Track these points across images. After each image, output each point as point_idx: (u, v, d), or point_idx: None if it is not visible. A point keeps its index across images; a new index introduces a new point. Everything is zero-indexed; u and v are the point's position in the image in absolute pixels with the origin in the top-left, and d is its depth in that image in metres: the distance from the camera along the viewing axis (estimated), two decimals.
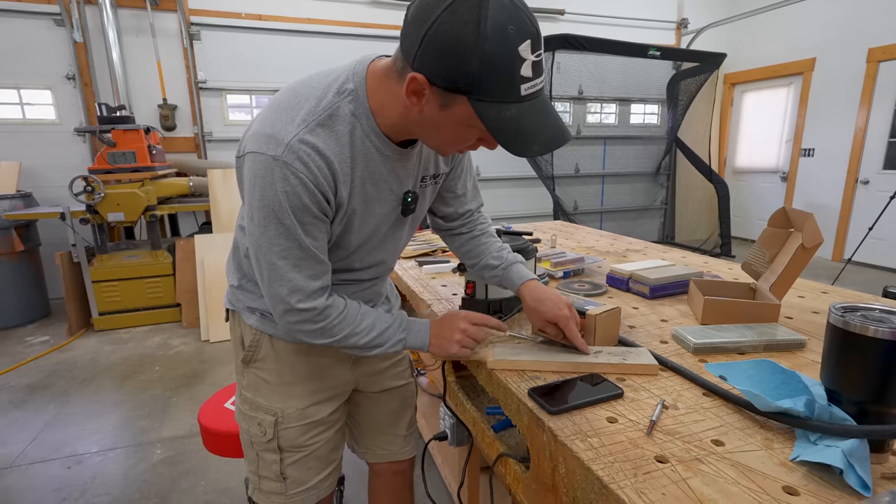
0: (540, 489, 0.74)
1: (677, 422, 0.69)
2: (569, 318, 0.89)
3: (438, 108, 0.68)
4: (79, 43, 3.94)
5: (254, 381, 0.97)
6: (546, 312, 0.91)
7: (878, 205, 4.41)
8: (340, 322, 0.82)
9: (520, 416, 0.78)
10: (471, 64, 0.61)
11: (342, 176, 0.76)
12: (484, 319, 0.92)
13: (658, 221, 6.32)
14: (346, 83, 0.75)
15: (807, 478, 0.56)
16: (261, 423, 0.95)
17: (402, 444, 1.17)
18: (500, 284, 1.05)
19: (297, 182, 0.71)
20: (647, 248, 1.89)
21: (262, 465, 0.98)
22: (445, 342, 0.89)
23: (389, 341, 0.87)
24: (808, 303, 1.20)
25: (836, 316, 0.59)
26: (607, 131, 5.86)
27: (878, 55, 4.64)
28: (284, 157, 0.70)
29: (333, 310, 0.82)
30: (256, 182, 0.72)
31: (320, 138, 0.73)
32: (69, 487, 1.85)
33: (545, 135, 0.69)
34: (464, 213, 1.08)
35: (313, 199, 0.73)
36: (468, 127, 0.70)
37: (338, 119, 0.74)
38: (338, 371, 1.01)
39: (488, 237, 1.08)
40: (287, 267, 0.76)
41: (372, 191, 0.82)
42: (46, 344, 3.27)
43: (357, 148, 0.77)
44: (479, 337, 0.90)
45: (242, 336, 0.97)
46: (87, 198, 3.25)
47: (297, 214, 0.73)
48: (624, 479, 0.57)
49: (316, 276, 0.79)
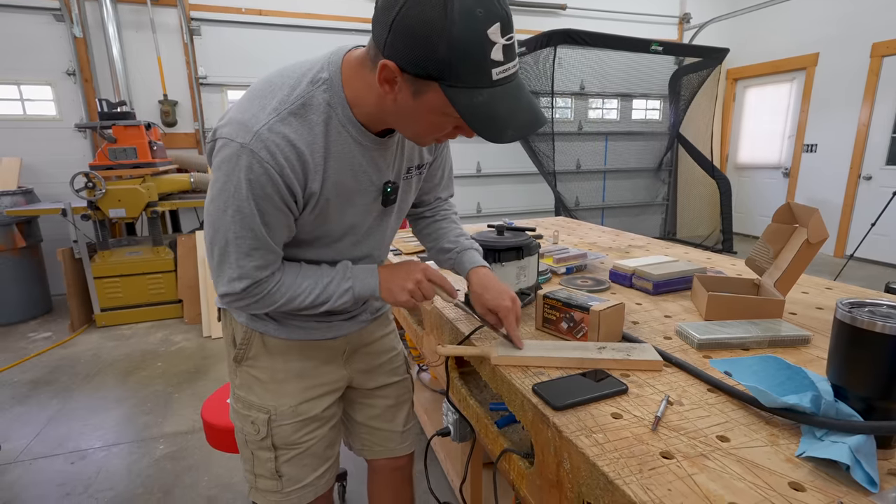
0: (544, 485, 0.74)
1: (682, 418, 0.69)
2: (509, 310, 0.90)
3: (411, 96, 0.68)
4: (78, 38, 3.92)
5: (246, 379, 0.96)
6: (489, 301, 0.92)
7: (881, 200, 4.40)
8: (278, 289, 0.82)
9: (524, 412, 0.78)
10: (439, 49, 0.61)
11: (313, 166, 0.76)
12: (440, 279, 0.91)
13: (660, 217, 6.31)
14: (320, 72, 0.75)
15: (813, 474, 0.56)
16: (254, 421, 0.95)
17: (400, 441, 1.16)
18: (452, 269, 1.05)
19: (262, 171, 0.71)
20: (650, 244, 1.88)
21: (258, 464, 0.97)
22: (397, 289, 0.88)
23: (335, 293, 0.85)
24: (812, 299, 1.20)
25: (843, 312, 0.59)
26: (609, 127, 5.84)
27: (882, 50, 4.61)
28: (252, 144, 0.70)
29: (270, 281, 0.81)
30: (222, 166, 0.72)
31: (291, 127, 0.72)
32: (73, 482, 1.86)
33: (519, 120, 0.67)
34: (433, 200, 1.09)
35: (276, 190, 0.73)
36: (442, 115, 0.69)
37: (311, 108, 0.74)
38: (330, 367, 1.00)
39: (449, 223, 1.09)
40: (238, 254, 0.76)
41: (350, 181, 0.81)
42: (49, 340, 3.28)
43: (332, 138, 0.76)
44: (429, 294, 0.90)
45: (234, 334, 0.96)
46: (88, 194, 3.25)
47: (258, 203, 0.73)
48: (629, 474, 0.57)
49: (265, 266, 0.79)
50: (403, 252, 1.77)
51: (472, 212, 5.44)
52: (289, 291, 0.82)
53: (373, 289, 0.88)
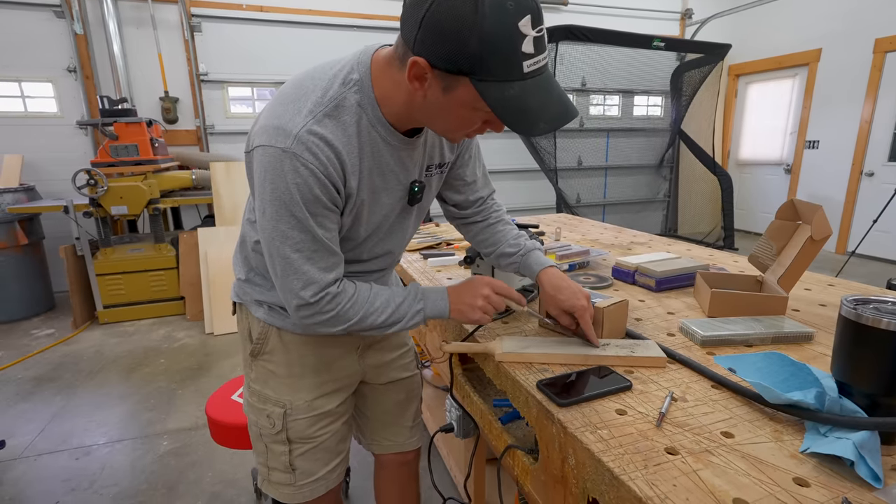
0: (549, 480, 0.74)
1: (686, 414, 0.69)
2: (585, 309, 0.89)
3: (441, 92, 0.68)
4: (79, 35, 3.92)
5: (262, 373, 0.97)
6: (564, 301, 0.91)
7: (883, 197, 4.40)
8: (353, 305, 0.81)
9: (528, 409, 0.78)
10: (470, 43, 0.61)
11: (350, 167, 0.76)
12: (507, 290, 0.91)
13: (661, 214, 6.30)
14: (350, 73, 0.75)
15: (817, 469, 0.57)
16: (269, 415, 0.96)
17: (409, 435, 1.18)
18: (517, 272, 1.05)
19: (308, 173, 0.71)
20: (652, 241, 1.88)
21: (272, 457, 0.99)
22: (467, 308, 0.87)
23: (408, 314, 0.85)
24: (815, 295, 1.20)
25: (847, 308, 0.59)
26: (610, 123, 5.83)
27: (885, 46, 4.59)
28: (293, 148, 0.70)
29: (343, 295, 0.81)
30: (267, 175, 0.72)
31: (328, 129, 0.73)
32: (78, 478, 1.87)
33: (550, 112, 0.67)
34: (475, 200, 1.07)
35: (324, 190, 0.73)
36: (473, 109, 0.69)
37: (344, 110, 0.74)
38: (345, 363, 1.01)
39: (504, 224, 1.08)
40: (301, 260, 0.76)
41: (379, 181, 0.82)
42: (52, 337, 3.29)
43: (364, 138, 0.77)
44: (499, 306, 0.89)
45: (250, 329, 0.97)
46: (90, 191, 3.26)
47: (308, 206, 0.73)
48: (635, 470, 0.57)
49: (329, 268, 0.79)
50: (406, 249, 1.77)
51: None
52: (362, 309, 0.82)
53: (443, 310, 0.88)
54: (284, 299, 0.80)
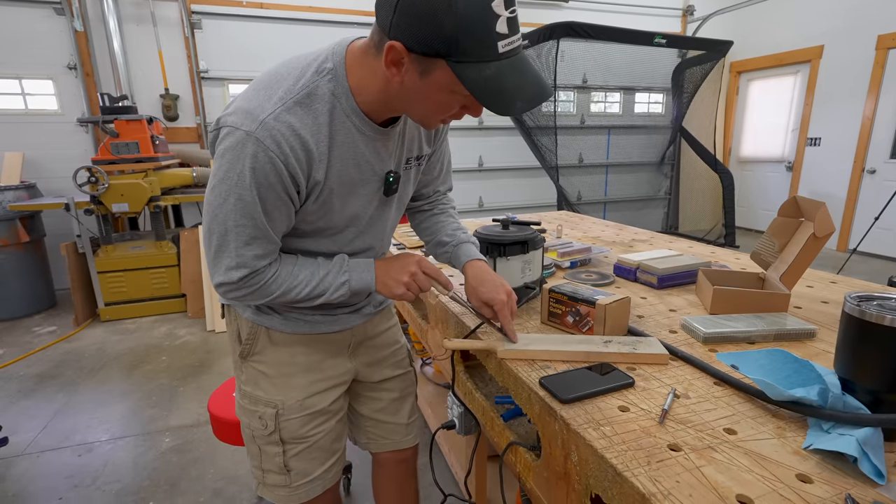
0: (551, 477, 0.74)
1: (689, 411, 0.69)
2: (504, 304, 0.91)
3: (418, 76, 0.68)
4: (79, 32, 3.91)
5: (252, 374, 0.96)
6: (484, 293, 0.92)
7: (885, 194, 4.39)
8: (275, 279, 0.82)
9: (531, 405, 0.78)
10: (446, 25, 0.61)
11: (318, 155, 0.76)
12: (435, 272, 0.91)
13: (662, 211, 6.30)
14: (325, 62, 0.76)
15: (820, 466, 0.57)
16: (261, 416, 0.95)
17: (405, 433, 1.18)
18: (449, 262, 1.06)
19: (266, 160, 0.71)
20: (654, 238, 1.88)
21: (265, 459, 0.98)
22: (392, 282, 0.88)
23: (332, 286, 0.85)
24: (817, 292, 1.20)
25: (851, 305, 0.59)
26: (611, 121, 5.81)
27: (888, 42, 4.57)
28: (257, 133, 0.70)
29: (266, 271, 0.81)
30: (226, 154, 0.72)
31: (297, 116, 0.73)
32: (81, 475, 1.88)
33: (527, 92, 0.68)
34: (432, 193, 1.10)
35: (279, 179, 0.73)
36: (450, 92, 0.69)
37: (316, 98, 0.74)
38: (336, 361, 1.01)
39: (447, 216, 1.10)
40: (237, 242, 0.76)
41: (354, 172, 0.82)
42: (53, 334, 3.30)
43: (336, 127, 0.77)
44: (424, 287, 0.90)
45: (239, 330, 0.96)
46: (91, 188, 3.26)
47: (260, 192, 0.73)
48: (638, 466, 0.58)
49: (264, 255, 0.80)
50: (407, 246, 1.77)
51: (473, 206, 5.44)
52: (285, 283, 0.83)
53: (368, 282, 0.88)
54: (211, 272, 0.80)
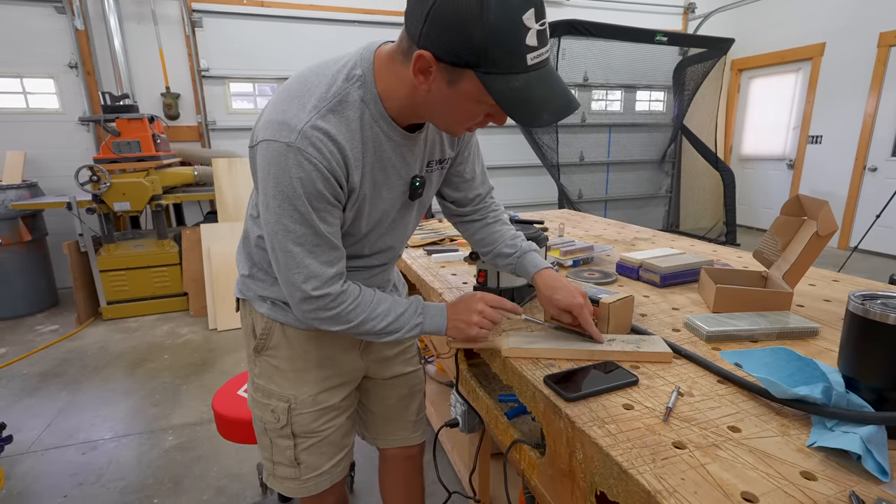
0: (556, 474, 0.75)
1: (693, 408, 0.69)
2: (582, 306, 0.90)
3: (446, 85, 0.69)
4: (80, 31, 3.91)
5: (266, 368, 0.98)
6: (560, 301, 0.91)
7: (886, 192, 4.38)
8: (356, 308, 0.83)
9: (535, 403, 0.79)
10: (475, 36, 0.62)
11: (354, 161, 0.77)
12: (500, 302, 0.92)
13: (663, 210, 6.29)
14: (353, 69, 0.76)
15: (824, 463, 0.57)
16: (274, 409, 0.97)
17: (412, 430, 1.19)
18: (514, 272, 1.05)
19: (311, 168, 0.72)
20: (655, 237, 1.89)
21: (276, 451, 1.00)
22: (463, 325, 0.88)
23: (406, 326, 0.87)
24: (820, 291, 1.20)
25: (855, 304, 0.59)
26: (612, 119, 5.81)
27: (890, 40, 4.56)
28: (297, 143, 0.71)
29: (348, 296, 0.82)
30: (270, 170, 0.73)
31: (332, 124, 0.73)
32: (85, 473, 1.89)
33: (554, 104, 0.69)
34: (473, 197, 1.08)
35: (327, 185, 0.74)
36: (477, 102, 0.70)
37: (347, 105, 0.75)
38: (348, 357, 1.02)
39: (501, 224, 1.09)
40: (303, 254, 0.77)
41: (381, 176, 0.83)
42: (56, 333, 3.31)
43: (366, 133, 0.78)
44: (495, 319, 0.90)
45: (254, 325, 0.98)
46: (92, 187, 3.26)
47: (311, 201, 0.74)
48: (643, 464, 0.58)
49: (331, 262, 0.80)
50: (409, 244, 1.78)
51: None
52: (364, 313, 0.83)
53: (440, 326, 0.89)
54: (287, 293, 0.81)
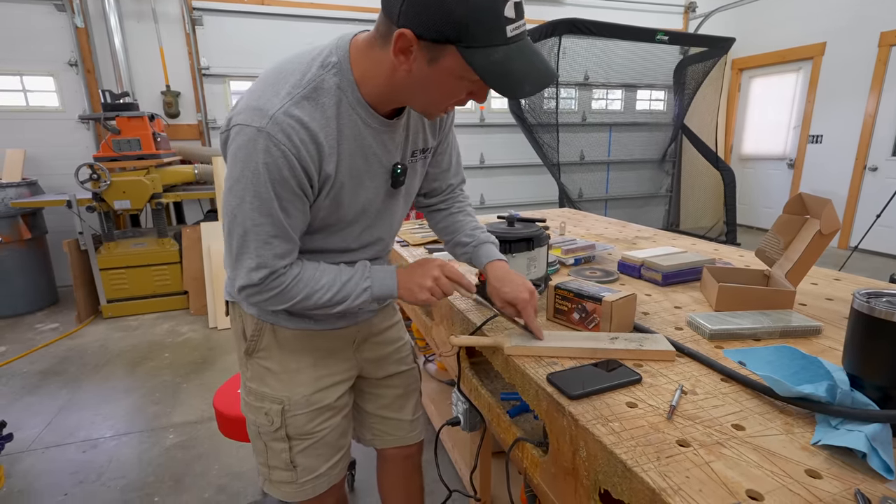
0: (559, 473, 0.75)
1: (697, 407, 0.69)
2: (527, 302, 0.91)
3: (427, 64, 0.69)
4: (80, 28, 3.90)
5: (258, 371, 0.96)
6: (507, 293, 0.92)
7: (886, 192, 4.38)
8: (297, 283, 0.82)
9: (538, 402, 0.79)
10: (455, 11, 0.63)
11: (328, 149, 0.77)
12: (458, 276, 0.92)
13: (663, 209, 6.29)
14: (329, 56, 0.76)
15: (829, 461, 0.57)
16: (267, 412, 0.95)
17: (410, 429, 1.18)
18: (469, 262, 1.06)
19: (279, 154, 0.72)
20: (657, 236, 1.88)
21: (272, 455, 0.98)
22: (416, 287, 0.88)
23: (353, 293, 0.85)
24: (822, 290, 1.20)
25: (860, 302, 0.59)
26: (613, 118, 5.81)
27: (890, 39, 4.56)
28: (268, 128, 0.71)
29: (288, 275, 0.81)
30: (239, 153, 0.73)
31: (305, 111, 0.74)
32: (86, 471, 1.89)
33: (534, 75, 0.70)
34: (446, 188, 1.10)
35: (293, 173, 0.74)
36: (458, 79, 0.70)
37: (323, 92, 0.75)
38: (341, 357, 1.01)
39: (465, 215, 1.10)
40: (257, 242, 0.77)
41: (362, 164, 0.83)
42: (56, 331, 3.30)
43: (343, 121, 0.78)
44: (448, 291, 0.91)
45: (244, 327, 0.96)
46: (93, 185, 3.25)
47: (275, 188, 0.73)
48: (647, 462, 0.58)
49: (283, 254, 0.79)
50: (410, 243, 1.78)
51: (475, 203, 5.43)
52: (307, 287, 0.82)
53: (391, 289, 0.88)
54: (231, 275, 0.81)
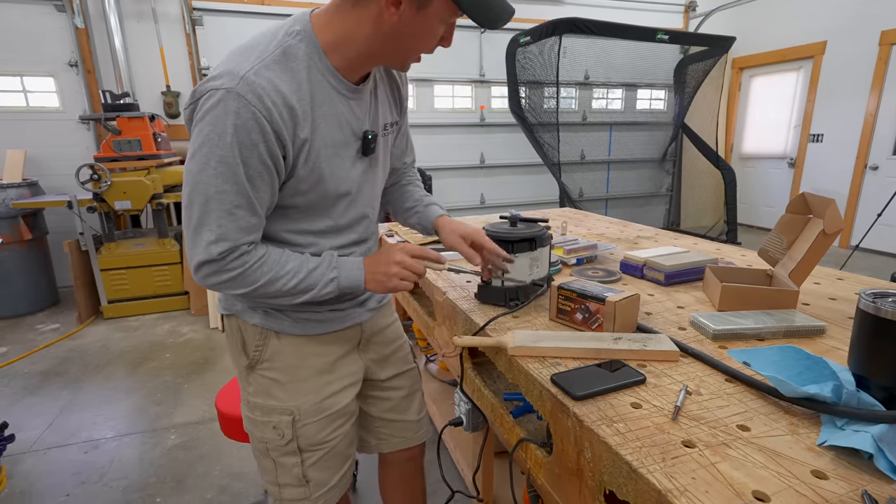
0: (563, 473, 0.75)
1: (702, 407, 0.69)
2: (480, 232, 0.98)
3: (415, 11, 0.73)
4: (80, 29, 3.90)
5: (263, 384, 0.92)
6: (463, 230, 1.00)
7: (887, 191, 4.38)
8: (261, 266, 0.78)
9: (542, 402, 0.79)
10: None
11: (301, 113, 0.76)
12: (423, 252, 0.91)
13: (664, 208, 6.29)
14: (292, 26, 0.79)
15: (835, 462, 0.57)
16: (276, 426, 0.92)
17: (416, 430, 1.17)
18: (419, 223, 1.11)
19: (249, 116, 0.70)
20: (658, 235, 1.88)
21: (282, 473, 0.95)
22: (382, 276, 0.86)
23: (320, 282, 0.83)
24: (825, 289, 1.20)
25: (866, 302, 0.59)
26: (613, 117, 5.80)
27: (891, 38, 4.56)
28: (238, 88, 0.70)
29: (252, 255, 0.77)
30: (206, 116, 0.71)
31: (275, 73, 0.74)
32: (88, 471, 1.89)
33: (505, 8, 0.77)
34: (401, 166, 1.15)
35: (263, 137, 0.72)
36: (439, 23, 0.76)
37: (291, 57, 0.76)
38: (348, 360, 1.00)
39: (414, 187, 1.16)
40: (219, 211, 0.73)
41: (338, 134, 0.83)
42: (57, 332, 3.30)
43: (315, 86, 0.78)
44: (418, 270, 0.89)
45: (243, 340, 0.93)
46: (93, 186, 3.25)
47: (242, 153, 0.72)
48: (653, 463, 0.58)
49: (248, 229, 0.76)
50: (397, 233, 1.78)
51: (475, 203, 5.43)
52: (271, 271, 0.79)
53: (357, 280, 0.86)
54: (190, 252, 0.76)
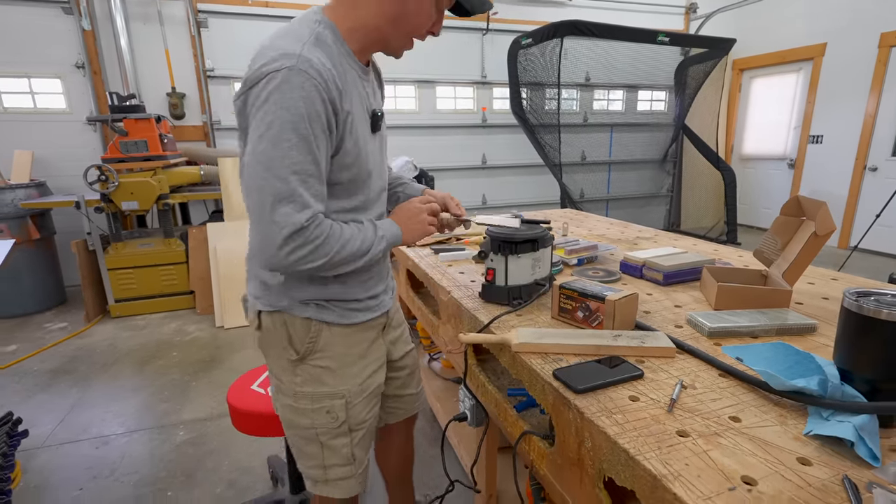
0: (565, 463, 0.79)
1: (696, 400, 0.73)
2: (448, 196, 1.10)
3: None
4: (87, 31, 3.94)
5: (313, 373, 0.97)
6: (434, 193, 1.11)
7: (886, 192, 4.41)
8: (332, 233, 0.84)
9: (545, 396, 0.83)
10: None
11: (343, 86, 0.84)
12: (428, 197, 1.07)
13: (664, 209, 6.32)
14: (314, 16, 0.86)
15: (819, 450, 0.61)
16: (329, 410, 0.98)
17: (415, 401, 1.31)
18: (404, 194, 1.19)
19: (312, 87, 0.77)
20: (658, 236, 1.92)
21: (329, 454, 1.00)
22: (416, 224, 1.00)
23: (374, 241, 0.91)
24: (818, 289, 1.24)
25: (850, 300, 0.63)
26: (614, 118, 5.84)
27: (891, 40, 4.59)
28: (300, 65, 0.76)
29: (326, 222, 0.83)
30: (272, 96, 0.76)
31: (319, 54, 0.81)
32: (99, 466, 1.93)
33: None
34: None
35: (325, 108, 0.79)
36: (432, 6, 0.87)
37: (323, 42, 0.83)
38: (377, 343, 1.09)
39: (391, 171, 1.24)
40: (297, 182, 0.78)
41: (361, 110, 0.90)
42: (65, 330, 3.35)
43: (343, 67, 0.85)
44: (436, 211, 1.05)
45: (289, 336, 0.95)
46: (101, 186, 3.30)
47: (312, 124, 0.78)
48: (649, 451, 0.62)
49: (318, 197, 0.83)
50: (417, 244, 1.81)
51: (477, 203, 5.47)
52: (341, 237, 0.85)
53: (397, 234, 0.96)
54: (269, 233, 0.78)
